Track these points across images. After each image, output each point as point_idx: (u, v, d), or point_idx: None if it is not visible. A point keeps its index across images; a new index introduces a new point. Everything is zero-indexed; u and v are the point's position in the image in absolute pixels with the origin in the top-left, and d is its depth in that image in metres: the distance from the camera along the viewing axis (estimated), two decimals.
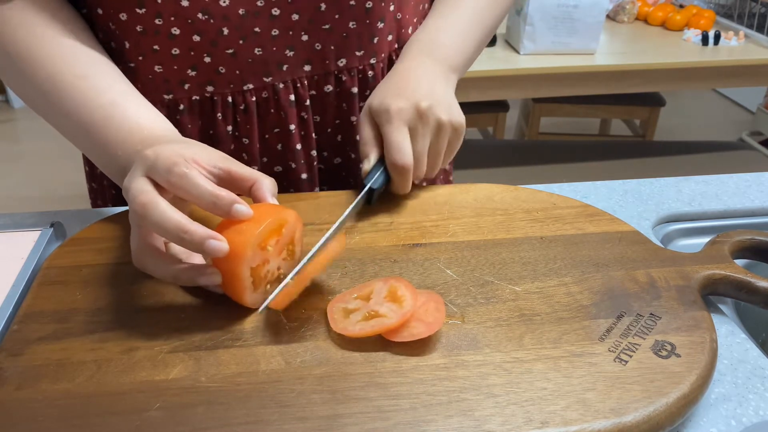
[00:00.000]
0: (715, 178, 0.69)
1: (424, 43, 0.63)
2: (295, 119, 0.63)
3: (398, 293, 0.44)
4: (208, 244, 0.41)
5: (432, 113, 0.55)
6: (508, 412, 0.37)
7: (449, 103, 0.57)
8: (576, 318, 0.45)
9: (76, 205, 1.54)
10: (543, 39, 1.60)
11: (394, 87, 0.57)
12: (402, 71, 0.60)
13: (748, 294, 0.48)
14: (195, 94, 0.59)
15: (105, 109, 0.51)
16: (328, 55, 0.61)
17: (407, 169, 0.54)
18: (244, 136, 0.62)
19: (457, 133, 0.57)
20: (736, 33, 1.76)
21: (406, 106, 0.55)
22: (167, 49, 0.56)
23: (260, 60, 0.59)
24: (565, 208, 0.57)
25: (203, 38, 0.56)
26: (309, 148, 0.65)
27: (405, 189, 0.57)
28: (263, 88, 0.60)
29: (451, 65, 0.62)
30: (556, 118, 2.54)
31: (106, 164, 0.53)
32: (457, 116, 0.56)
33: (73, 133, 0.53)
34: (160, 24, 0.54)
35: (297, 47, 0.59)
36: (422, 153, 0.55)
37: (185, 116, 0.60)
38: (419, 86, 0.57)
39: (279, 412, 0.37)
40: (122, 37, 0.56)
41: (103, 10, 0.55)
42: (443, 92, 0.58)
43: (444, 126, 0.55)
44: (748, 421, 0.40)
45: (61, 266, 0.50)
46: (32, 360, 0.41)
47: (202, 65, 0.57)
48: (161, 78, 0.58)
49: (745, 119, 3.12)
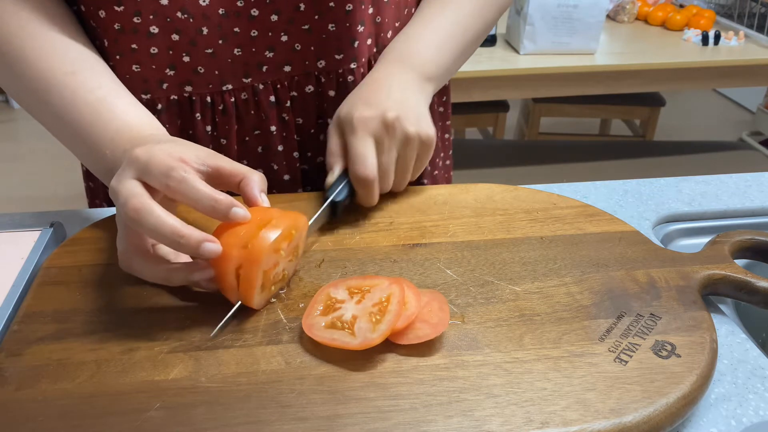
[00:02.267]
0: (715, 178, 0.69)
1: (400, 51, 0.61)
2: (275, 120, 0.62)
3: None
4: (204, 247, 0.41)
5: (399, 124, 0.53)
6: (508, 413, 0.37)
7: (418, 115, 0.55)
8: (576, 318, 0.45)
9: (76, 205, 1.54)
10: (543, 39, 1.60)
11: (364, 96, 0.56)
12: (374, 80, 0.58)
13: (748, 294, 0.48)
14: (173, 94, 0.59)
15: (93, 107, 0.51)
16: (307, 56, 0.60)
17: (370, 181, 0.53)
18: (222, 137, 0.61)
19: (426, 145, 0.55)
20: (736, 33, 1.76)
21: (371, 116, 0.53)
22: (146, 48, 0.55)
23: (240, 60, 0.58)
24: (565, 208, 0.57)
25: (182, 37, 0.55)
26: (291, 150, 0.64)
27: (370, 202, 0.55)
28: (243, 88, 0.60)
29: (428, 75, 0.60)
30: (556, 118, 2.54)
31: (93, 163, 0.52)
32: (425, 128, 0.55)
33: (61, 131, 0.53)
34: (139, 22, 0.54)
35: (277, 48, 0.59)
36: (388, 165, 0.54)
37: (163, 116, 0.59)
38: (389, 96, 0.55)
39: (279, 412, 0.37)
40: (101, 35, 0.55)
41: (85, 7, 0.55)
42: (414, 103, 0.56)
43: (411, 138, 0.54)
44: (748, 421, 0.40)
45: (61, 266, 0.50)
46: (32, 360, 0.41)
47: (181, 65, 0.57)
48: (139, 77, 0.57)
49: (745, 119, 3.12)
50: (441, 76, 0.63)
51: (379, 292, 0.44)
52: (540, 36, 1.59)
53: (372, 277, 0.46)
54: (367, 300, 0.43)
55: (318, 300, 0.44)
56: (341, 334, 0.41)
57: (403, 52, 0.61)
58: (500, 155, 1.93)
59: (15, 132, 3.04)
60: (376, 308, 0.42)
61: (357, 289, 0.44)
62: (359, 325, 0.41)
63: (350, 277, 0.46)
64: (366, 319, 0.42)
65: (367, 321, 0.42)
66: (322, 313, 0.43)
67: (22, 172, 2.64)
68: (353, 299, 0.44)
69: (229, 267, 0.42)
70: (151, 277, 0.45)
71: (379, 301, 0.43)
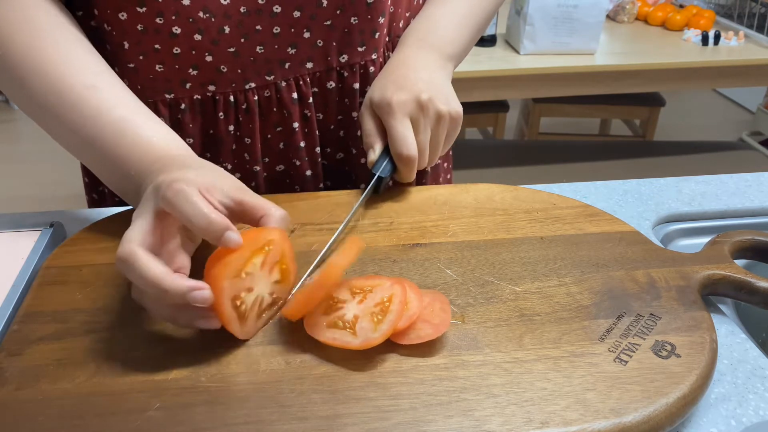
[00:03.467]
0: (715, 178, 0.69)
1: (421, 32, 0.63)
2: (298, 117, 0.63)
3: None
4: (192, 295, 0.38)
5: (432, 105, 0.56)
6: (508, 412, 0.37)
7: (447, 94, 0.58)
8: (576, 318, 0.45)
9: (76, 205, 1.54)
10: (543, 39, 1.60)
11: (393, 79, 0.58)
12: (400, 62, 0.60)
13: (748, 294, 0.48)
14: (196, 94, 0.59)
15: (117, 125, 0.49)
16: (330, 52, 0.61)
17: (413, 160, 0.56)
18: (246, 135, 0.62)
19: (455, 122, 0.59)
20: (736, 33, 1.76)
21: (407, 99, 0.56)
22: (168, 48, 0.56)
23: (262, 58, 0.59)
24: (565, 208, 0.57)
25: (204, 37, 0.56)
26: (313, 145, 0.65)
27: (410, 178, 0.58)
28: (265, 86, 0.60)
29: (448, 54, 0.63)
30: (556, 118, 2.54)
31: (117, 180, 0.51)
32: (455, 106, 0.58)
33: (79, 147, 0.51)
34: (161, 23, 0.54)
35: (299, 44, 0.59)
36: (425, 143, 0.57)
37: (186, 115, 0.60)
38: (418, 78, 0.58)
39: (279, 412, 0.37)
40: (120, 38, 0.55)
41: (99, 10, 0.54)
42: (441, 83, 0.59)
43: (443, 116, 0.57)
44: (748, 421, 0.40)
45: (61, 266, 0.50)
46: (32, 360, 0.41)
47: (204, 64, 0.57)
48: (162, 77, 0.57)
49: (745, 119, 3.12)
50: (459, 54, 0.66)
51: (381, 292, 0.44)
52: (540, 36, 1.59)
53: (374, 277, 0.46)
54: (369, 300, 0.43)
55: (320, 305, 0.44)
56: (342, 334, 0.41)
57: (423, 33, 0.63)
58: (500, 155, 1.93)
59: (15, 133, 3.04)
60: (377, 308, 0.42)
61: (359, 289, 0.44)
62: (361, 324, 0.41)
63: (352, 278, 0.46)
64: (368, 319, 0.42)
65: (369, 321, 0.41)
66: (323, 312, 0.43)
67: (22, 172, 2.64)
68: (355, 299, 0.43)
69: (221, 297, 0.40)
70: (158, 315, 0.43)
71: (381, 301, 0.43)
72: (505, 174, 1.79)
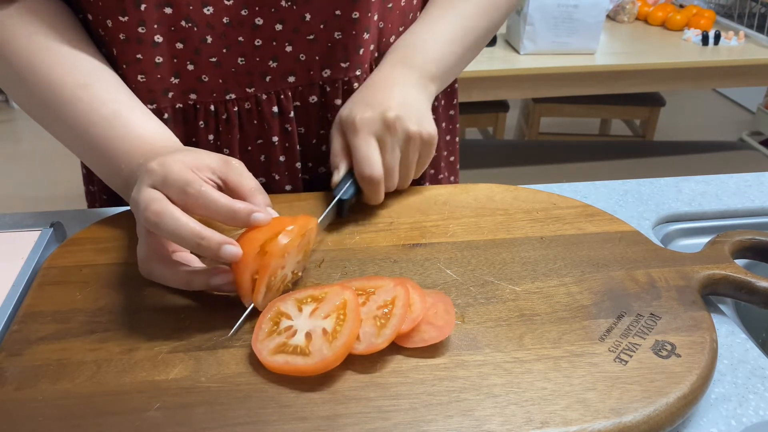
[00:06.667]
0: (715, 178, 0.69)
1: (402, 51, 0.61)
2: (277, 131, 0.61)
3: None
4: (224, 249, 0.41)
5: (400, 124, 0.54)
6: (508, 412, 0.37)
7: (420, 114, 0.56)
8: (576, 318, 0.45)
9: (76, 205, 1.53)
10: (543, 39, 1.60)
11: (365, 97, 0.56)
12: (375, 81, 0.58)
13: (748, 294, 0.48)
14: (178, 102, 0.58)
15: (107, 121, 0.51)
16: (312, 66, 0.59)
17: (376, 181, 0.53)
18: (225, 146, 0.61)
19: (427, 144, 0.56)
20: (736, 33, 1.76)
21: (372, 117, 0.54)
22: (150, 58, 0.55)
23: (243, 70, 0.58)
24: (565, 208, 0.57)
25: (186, 46, 0.55)
26: (293, 160, 0.63)
27: (377, 200, 0.56)
28: (246, 98, 0.59)
29: (431, 74, 0.60)
30: (556, 118, 2.54)
31: (108, 176, 0.52)
32: (427, 127, 0.55)
33: (75, 144, 0.53)
34: (143, 32, 0.53)
35: (281, 58, 0.58)
36: (392, 164, 0.55)
37: (169, 124, 0.59)
38: (391, 96, 0.56)
39: (279, 412, 0.37)
40: (110, 45, 0.55)
41: (93, 16, 0.55)
42: (414, 102, 0.56)
43: (413, 137, 0.54)
44: (748, 421, 0.40)
45: (61, 266, 0.50)
46: (32, 360, 0.41)
47: (185, 73, 0.57)
48: (145, 87, 0.57)
49: (745, 119, 3.12)
50: (444, 75, 0.63)
51: (384, 294, 0.43)
52: (540, 36, 1.59)
53: (376, 278, 0.45)
54: (372, 303, 0.43)
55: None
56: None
57: (405, 52, 0.61)
58: (500, 155, 1.93)
59: (15, 132, 3.04)
60: (380, 311, 0.42)
61: (362, 291, 0.44)
62: (364, 329, 0.41)
63: (354, 279, 0.46)
64: (371, 323, 0.41)
65: (372, 325, 0.41)
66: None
67: (22, 172, 2.64)
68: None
69: (246, 272, 0.42)
70: (172, 281, 0.45)
71: (383, 304, 0.42)
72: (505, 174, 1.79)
